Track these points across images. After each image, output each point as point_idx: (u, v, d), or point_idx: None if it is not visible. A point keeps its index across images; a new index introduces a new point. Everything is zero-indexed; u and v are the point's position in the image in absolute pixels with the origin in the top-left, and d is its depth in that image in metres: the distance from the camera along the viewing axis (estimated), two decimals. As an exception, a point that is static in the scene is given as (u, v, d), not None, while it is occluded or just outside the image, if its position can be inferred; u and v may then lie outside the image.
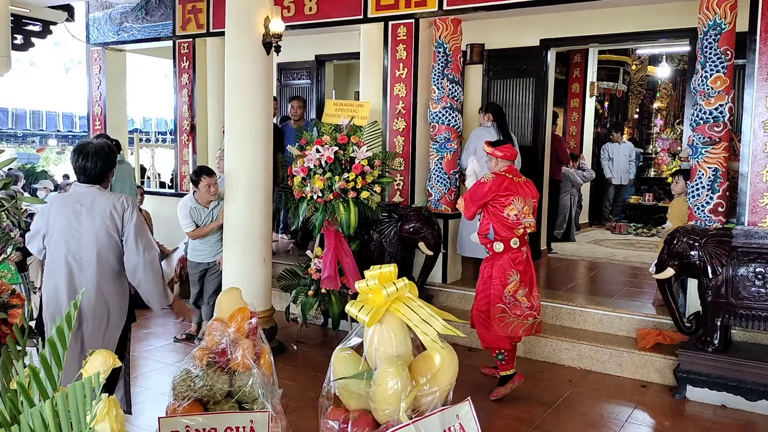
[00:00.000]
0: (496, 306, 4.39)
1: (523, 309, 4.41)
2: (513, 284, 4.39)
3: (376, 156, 5.35)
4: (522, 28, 7.15)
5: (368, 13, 6.48)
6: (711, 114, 4.82)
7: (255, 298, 5.02)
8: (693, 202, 4.98)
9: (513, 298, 4.39)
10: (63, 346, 1.37)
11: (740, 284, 4.38)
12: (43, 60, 20.31)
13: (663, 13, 6.31)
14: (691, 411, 4.40)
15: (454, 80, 6.28)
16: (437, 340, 1.86)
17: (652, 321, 5.27)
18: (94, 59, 8.90)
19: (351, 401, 1.94)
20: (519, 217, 4.36)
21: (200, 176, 5.42)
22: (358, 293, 1.97)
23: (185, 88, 8.09)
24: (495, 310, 4.39)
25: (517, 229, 4.38)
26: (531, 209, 4.45)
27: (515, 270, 4.40)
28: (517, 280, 4.40)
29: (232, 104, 5.20)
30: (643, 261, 7.40)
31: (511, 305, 4.39)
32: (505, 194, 4.34)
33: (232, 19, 5.18)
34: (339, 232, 5.44)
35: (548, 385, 4.81)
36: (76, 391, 1.21)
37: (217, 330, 2.27)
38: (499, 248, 4.41)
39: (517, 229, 4.38)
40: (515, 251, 4.41)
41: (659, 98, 12.12)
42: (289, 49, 6.19)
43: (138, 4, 8.33)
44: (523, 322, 4.41)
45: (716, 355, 4.45)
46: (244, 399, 2.20)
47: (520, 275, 4.41)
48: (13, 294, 2.73)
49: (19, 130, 14.41)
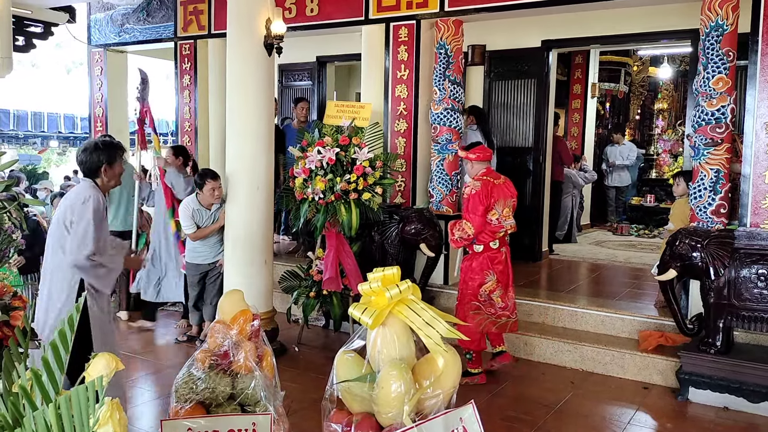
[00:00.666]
0: (470, 303, 4.62)
1: (496, 308, 4.65)
2: (490, 284, 4.63)
3: (377, 157, 5.34)
4: (523, 30, 7.15)
5: (370, 14, 6.48)
6: (713, 115, 4.82)
7: (256, 300, 5.01)
8: (695, 203, 4.98)
9: (488, 297, 4.64)
10: (65, 350, 1.36)
11: (742, 286, 4.38)
12: (44, 61, 20.32)
13: (665, 14, 6.30)
14: (694, 413, 4.39)
15: (456, 81, 6.28)
16: (440, 343, 1.85)
17: (654, 322, 5.26)
18: (95, 60, 8.91)
19: (354, 404, 1.94)
20: (500, 220, 4.59)
21: (205, 179, 5.40)
22: (359, 294, 1.97)
23: (187, 90, 8.10)
24: (469, 307, 4.61)
25: (498, 233, 4.60)
26: (510, 209, 4.68)
27: (492, 270, 4.62)
28: (494, 280, 4.64)
29: (234, 105, 5.20)
30: (645, 262, 7.40)
31: (486, 304, 4.63)
32: (488, 201, 4.53)
33: (234, 21, 5.18)
34: (340, 234, 5.43)
35: (550, 387, 4.80)
36: (79, 395, 1.21)
37: (219, 332, 2.26)
38: (478, 249, 4.64)
39: (498, 233, 4.60)
40: (494, 251, 4.64)
41: (661, 99, 12.12)
42: (290, 51, 6.19)
43: (139, 5, 8.34)
44: (496, 321, 4.65)
45: (718, 356, 4.44)
46: (246, 401, 2.19)
47: (497, 275, 4.65)
48: (15, 296, 2.72)
49: (21, 132, 14.42)
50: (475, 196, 4.53)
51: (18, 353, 1.60)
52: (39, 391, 1.33)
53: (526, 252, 7.40)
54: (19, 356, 1.59)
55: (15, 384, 1.46)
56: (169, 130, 13.82)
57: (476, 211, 4.51)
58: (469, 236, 4.55)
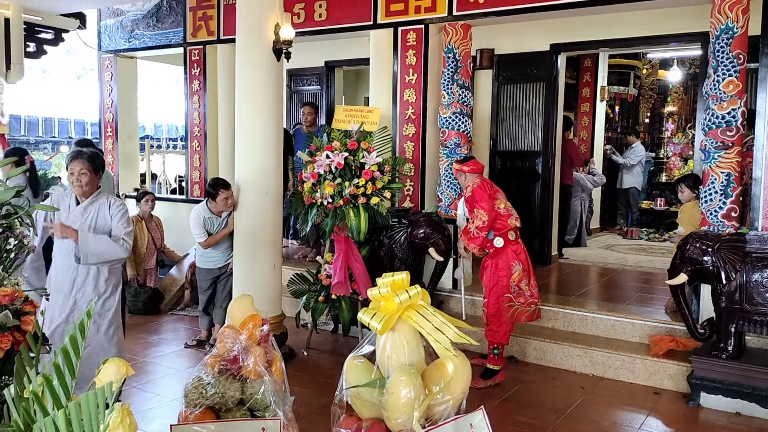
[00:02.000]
0: (504, 296, 4.78)
1: (526, 297, 4.83)
2: (517, 274, 4.78)
3: (386, 161, 5.35)
4: (532, 33, 7.13)
5: (378, 19, 6.49)
6: (723, 118, 4.79)
7: (265, 304, 5.02)
8: (706, 207, 4.94)
9: (518, 288, 4.80)
10: (77, 355, 1.37)
11: (754, 290, 4.34)
12: (55, 67, 20.46)
13: (674, 17, 6.27)
14: (705, 418, 4.35)
15: (464, 85, 6.27)
16: (450, 348, 1.84)
17: (665, 327, 5.23)
18: (105, 66, 8.96)
19: (363, 410, 1.93)
20: (507, 209, 4.80)
21: (218, 189, 5.40)
22: (368, 299, 1.96)
23: (196, 95, 8.13)
24: (504, 300, 4.78)
25: (510, 219, 4.78)
26: (511, 205, 4.93)
27: (518, 260, 4.79)
28: (520, 270, 4.80)
29: (243, 110, 5.22)
30: (656, 266, 7.36)
31: (516, 294, 4.80)
32: (491, 191, 4.80)
33: (243, 26, 5.20)
34: (349, 238, 5.43)
35: (560, 391, 4.78)
36: (89, 401, 1.21)
37: (228, 337, 2.26)
38: (499, 243, 4.77)
39: (510, 219, 4.78)
40: (514, 243, 4.81)
41: (670, 102, 12.05)
42: (298, 55, 6.20)
43: (149, 11, 8.39)
44: (526, 309, 4.84)
45: (730, 361, 4.40)
46: (255, 406, 2.19)
47: (521, 265, 4.81)
48: (27, 301, 2.74)
49: (32, 137, 14.50)
50: (478, 189, 4.76)
51: (29, 358, 1.61)
52: (50, 396, 1.33)
53: (536, 256, 7.35)
54: (30, 361, 1.60)
55: (27, 389, 1.46)
56: (179, 135, 13.89)
57: (483, 199, 4.72)
58: (485, 223, 4.70)
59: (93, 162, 3.88)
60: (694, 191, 5.51)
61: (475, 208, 4.77)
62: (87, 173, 3.84)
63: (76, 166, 3.83)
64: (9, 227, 2.58)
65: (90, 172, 3.85)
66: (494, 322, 4.82)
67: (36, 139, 14.91)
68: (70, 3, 8.01)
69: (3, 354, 2.28)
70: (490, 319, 4.84)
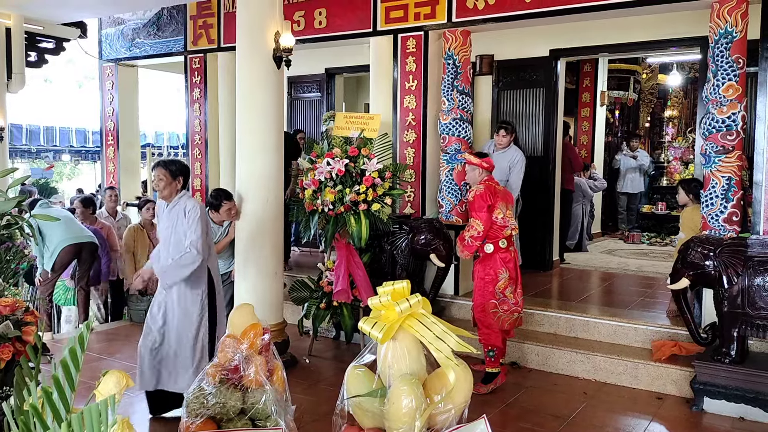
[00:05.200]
0: (489, 302, 4.81)
1: (510, 305, 4.84)
2: (503, 282, 4.81)
3: (386, 168, 5.35)
4: (531, 39, 7.14)
5: (378, 26, 6.50)
6: (723, 123, 4.79)
7: (267, 312, 5.02)
8: (707, 211, 4.94)
9: (503, 295, 4.82)
10: (76, 368, 1.37)
11: (756, 294, 4.32)
12: (56, 76, 20.53)
13: (674, 21, 6.28)
14: (709, 423, 4.33)
15: (464, 91, 6.28)
16: (452, 357, 1.84)
17: (667, 332, 5.21)
18: (106, 75, 8.99)
19: (365, 419, 1.93)
20: (505, 219, 4.81)
21: (221, 200, 5.37)
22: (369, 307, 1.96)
23: (197, 103, 8.15)
24: (489, 306, 4.81)
25: (505, 230, 4.80)
26: (512, 213, 4.98)
27: (505, 268, 4.81)
28: (507, 277, 4.82)
29: (244, 118, 5.23)
30: (657, 271, 7.34)
31: (501, 301, 4.82)
32: (492, 201, 4.79)
33: (243, 34, 5.21)
34: (350, 245, 5.43)
35: (563, 397, 4.76)
36: (91, 414, 1.21)
37: (229, 347, 2.26)
38: (489, 249, 4.81)
39: (505, 230, 4.80)
40: (504, 251, 4.82)
41: (670, 106, 12.06)
42: (299, 63, 6.21)
43: (150, 20, 8.42)
44: (509, 317, 4.86)
45: (733, 366, 4.39)
46: (257, 416, 2.19)
47: (509, 273, 4.82)
48: (27, 311, 2.74)
49: (33, 146, 14.55)
50: (479, 197, 4.76)
51: (29, 370, 1.61)
52: (50, 409, 1.33)
53: (537, 261, 7.37)
54: (30, 373, 1.60)
55: (26, 402, 1.46)
56: (180, 143, 13.90)
57: (482, 209, 4.74)
58: (479, 233, 4.74)
59: (169, 168, 4.19)
60: (688, 194, 5.52)
61: (472, 217, 4.80)
62: (164, 179, 4.15)
63: (155, 174, 4.20)
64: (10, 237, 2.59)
65: (166, 177, 4.16)
66: (482, 325, 4.87)
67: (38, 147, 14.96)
68: (71, 12, 8.04)
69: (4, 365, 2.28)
70: (478, 323, 4.90)
